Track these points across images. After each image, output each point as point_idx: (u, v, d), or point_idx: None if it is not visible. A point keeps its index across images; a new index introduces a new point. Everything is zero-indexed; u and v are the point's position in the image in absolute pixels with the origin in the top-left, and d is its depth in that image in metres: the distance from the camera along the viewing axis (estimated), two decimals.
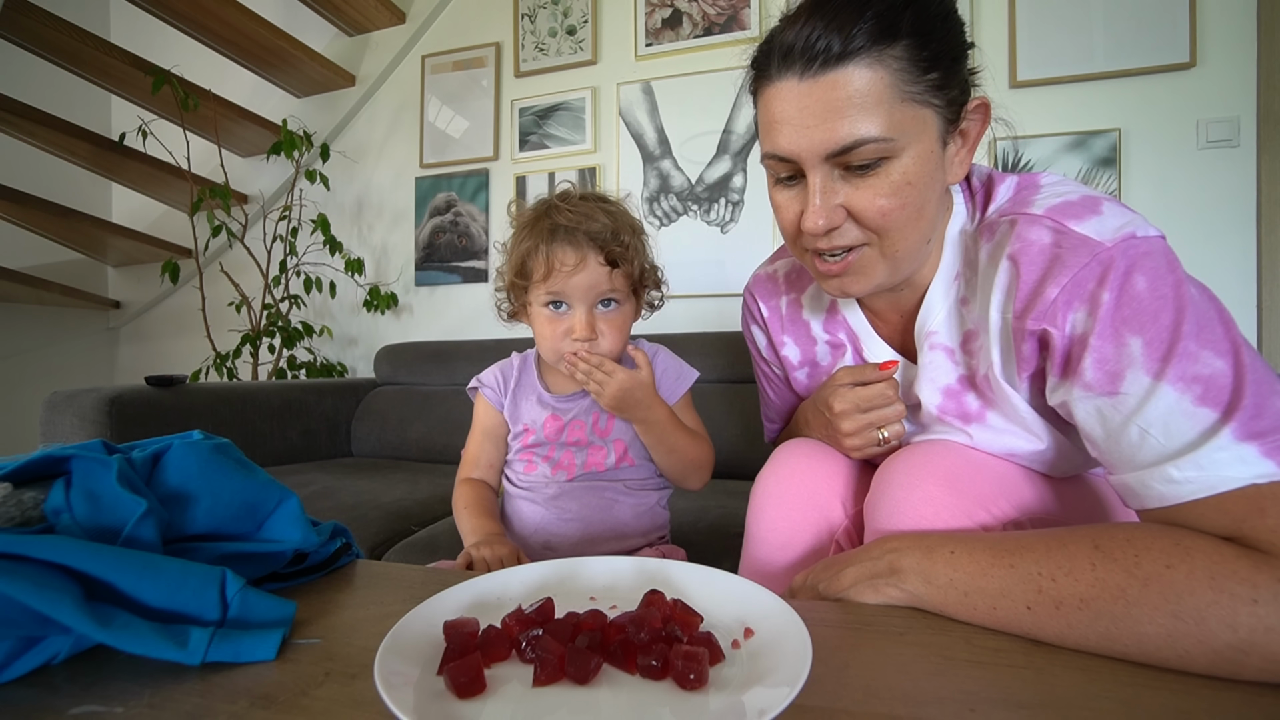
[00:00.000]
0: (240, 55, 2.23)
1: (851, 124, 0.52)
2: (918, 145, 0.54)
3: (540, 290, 0.79)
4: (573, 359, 0.79)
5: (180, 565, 0.45)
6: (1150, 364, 0.45)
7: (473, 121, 2.25)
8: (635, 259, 0.80)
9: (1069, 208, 0.52)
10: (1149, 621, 0.38)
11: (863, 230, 0.57)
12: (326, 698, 0.38)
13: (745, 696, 0.37)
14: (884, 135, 0.52)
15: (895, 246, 0.57)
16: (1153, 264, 0.47)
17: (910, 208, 0.55)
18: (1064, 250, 0.50)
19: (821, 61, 0.52)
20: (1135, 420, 0.46)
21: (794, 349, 0.77)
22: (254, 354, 2.23)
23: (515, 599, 0.50)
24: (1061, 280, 0.49)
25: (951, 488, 0.56)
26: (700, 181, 1.97)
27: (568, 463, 0.85)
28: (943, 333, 0.63)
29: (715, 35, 1.94)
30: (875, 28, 0.51)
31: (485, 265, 2.24)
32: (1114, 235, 0.49)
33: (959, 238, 0.63)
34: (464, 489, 0.89)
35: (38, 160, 2.26)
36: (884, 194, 0.54)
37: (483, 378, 0.92)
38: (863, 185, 0.55)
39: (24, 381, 2.53)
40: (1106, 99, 1.61)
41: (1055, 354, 0.51)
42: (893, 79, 0.52)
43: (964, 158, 0.59)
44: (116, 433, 1.40)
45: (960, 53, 0.56)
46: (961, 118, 0.57)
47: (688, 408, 0.88)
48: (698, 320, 1.98)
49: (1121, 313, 0.47)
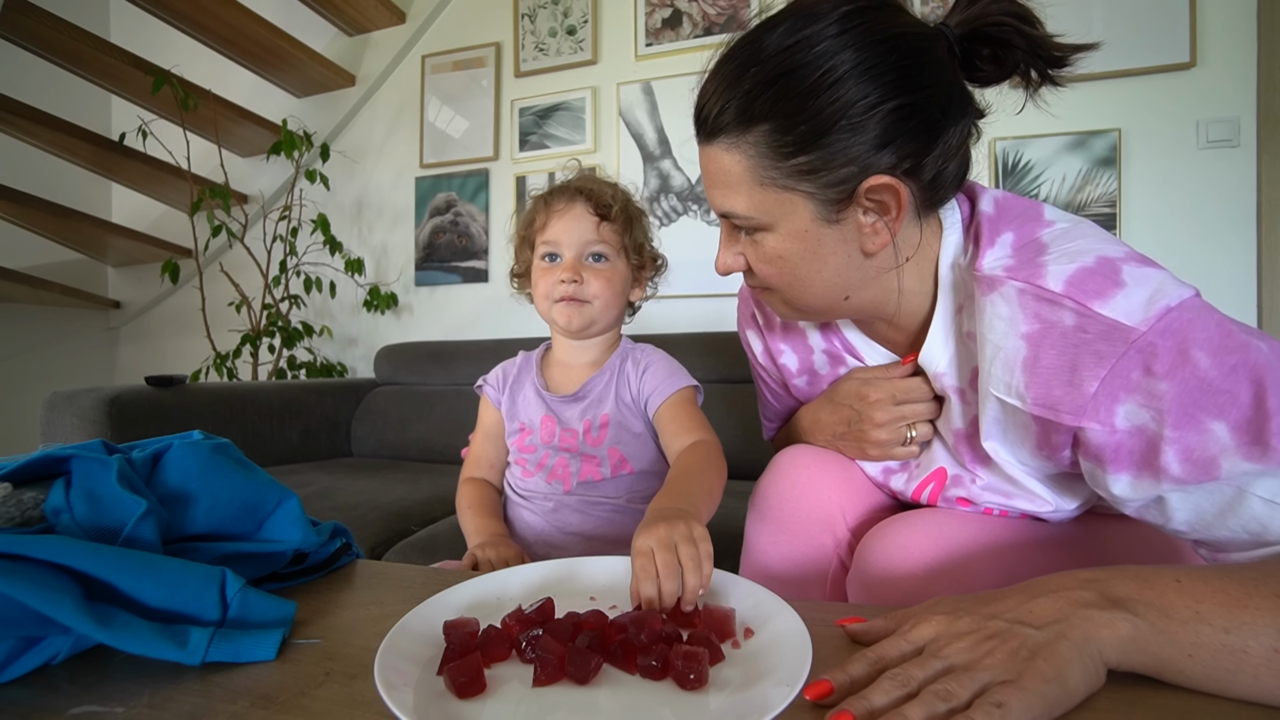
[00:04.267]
0: (240, 55, 2.23)
1: (722, 196, 0.56)
2: (786, 225, 0.54)
3: (538, 243, 0.84)
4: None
5: (180, 565, 0.45)
6: (1244, 449, 0.41)
7: (473, 121, 2.25)
8: (625, 221, 0.84)
9: (1088, 280, 0.47)
10: None
11: (761, 278, 0.60)
12: (326, 698, 0.38)
13: (745, 696, 0.37)
14: (745, 214, 0.55)
15: (794, 300, 0.60)
16: (1204, 334, 0.43)
17: (788, 276, 0.57)
18: (1093, 338, 0.45)
19: (703, 133, 0.56)
20: (1255, 492, 0.42)
21: (792, 357, 0.75)
22: (254, 354, 2.22)
23: (515, 599, 0.50)
24: (1099, 373, 0.45)
25: (949, 559, 0.56)
26: (700, 182, 1.97)
27: (562, 471, 0.84)
28: (950, 374, 0.59)
29: (715, 35, 1.94)
30: (736, 109, 0.52)
31: (485, 265, 2.24)
32: (1145, 315, 0.44)
33: (952, 273, 0.58)
34: (466, 488, 0.89)
35: (38, 160, 2.26)
36: (762, 260, 0.58)
37: (487, 376, 0.94)
38: (749, 245, 0.58)
39: (24, 381, 2.53)
40: (1106, 99, 1.60)
41: (1102, 448, 0.47)
42: (748, 164, 0.53)
43: (883, 228, 0.54)
44: (116, 433, 1.40)
45: (850, 127, 0.50)
46: (856, 197, 0.52)
47: (686, 404, 0.83)
48: (698, 320, 1.98)
49: (1191, 398, 0.43)
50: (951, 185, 0.56)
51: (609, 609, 0.48)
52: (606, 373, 0.86)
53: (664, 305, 2.01)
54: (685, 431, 0.79)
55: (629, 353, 0.88)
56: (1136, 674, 0.36)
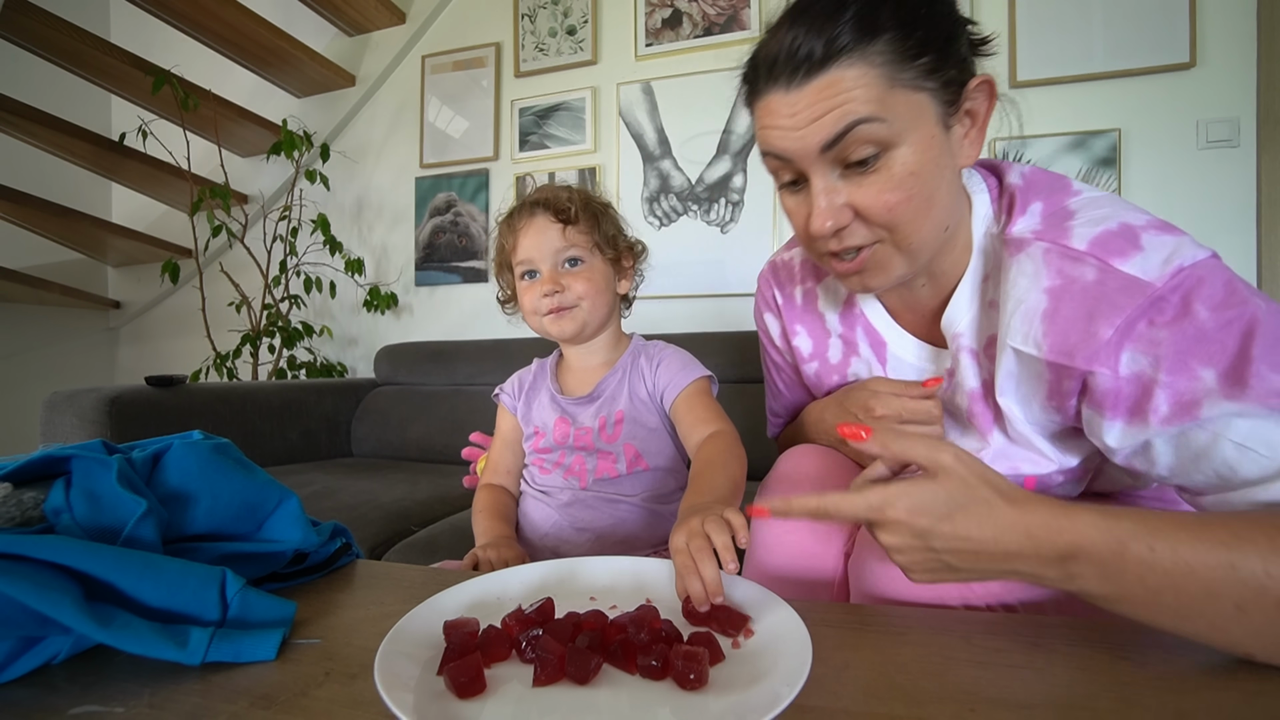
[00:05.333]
0: (240, 55, 2.23)
1: (841, 114, 0.52)
2: (916, 132, 0.53)
3: (514, 265, 0.85)
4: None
5: (180, 565, 0.45)
6: (1225, 389, 0.44)
7: (473, 121, 2.25)
8: (590, 219, 0.84)
9: (1110, 241, 0.50)
10: None
11: (871, 228, 0.55)
12: (326, 698, 0.38)
13: (745, 696, 0.37)
14: (875, 115, 0.51)
15: (909, 240, 0.56)
16: (1209, 291, 0.46)
17: (918, 199, 0.54)
18: (1111, 290, 0.49)
19: (806, 69, 0.52)
20: (1227, 436, 0.45)
21: (806, 340, 0.75)
22: (254, 354, 2.23)
23: (515, 599, 0.50)
24: (1114, 320, 0.48)
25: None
26: (700, 181, 1.97)
27: (579, 468, 0.85)
28: (968, 335, 0.61)
29: (715, 35, 1.94)
30: (856, 26, 0.51)
31: (485, 265, 2.24)
32: (1161, 272, 0.47)
33: (985, 240, 0.61)
34: (483, 494, 0.90)
35: (38, 160, 2.26)
36: (888, 189, 0.53)
37: (503, 385, 0.95)
38: (865, 183, 0.54)
39: (24, 381, 2.53)
40: (1106, 99, 1.60)
41: (1105, 394, 0.50)
42: (879, 71, 0.51)
43: (974, 138, 0.57)
44: (116, 433, 1.40)
45: (953, 31, 0.54)
46: (963, 98, 0.55)
47: (702, 395, 0.83)
48: (698, 320, 1.98)
49: (1187, 346, 0.46)
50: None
51: (609, 609, 0.48)
52: (619, 371, 0.87)
53: (664, 305, 2.01)
54: (703, 423, 0.79)
55: (641, 349, 0.88)
56: (1136, 674, 0.37)
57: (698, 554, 0.48)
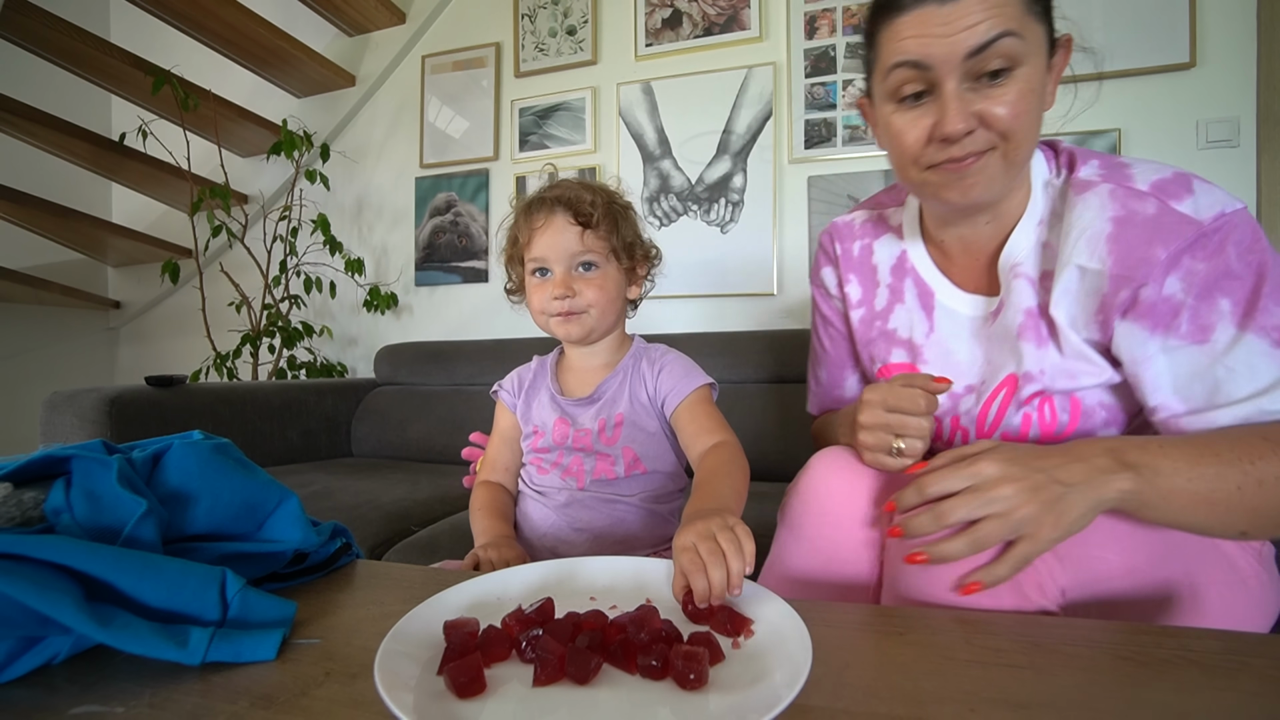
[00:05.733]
0: (240, 55, 2.23)
1: (989, 26, 0.58)
2: (1036, 58, 0.60)
3: (526, 260, 0.84)
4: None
5: (180, 565, 0.45)
6: (1236, 319, 0.56)
7: (473, 121, 2.25)
8: (610, 224, 0.82)
9: (1168, 185, 0.60)
10: None
11: (990, 135, 0.61)
12: (326, 698, 0.38)
13: (745, 696, 0.37)
14: (1018, 30, 0.58)
15: (1018, 151, 0.62)
16: (1240, 235, 0.57)
17: (1032, 115, 0.61)
18: (1169, 224, 0.58)
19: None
20: (1222, 361, 0.56)
21: (856, 288, 0.83)
22: (254, 354, 2.23)
23: (515, 599, 0.50)
24: (1171, 245, 0.57)
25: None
26: (700, 181, 1.97)
27: (577, 469, 0.84)
28: (1027, 264, 0.68)
29: (715, 35, 1.94)
30: None
31: (485, 265, 2.24)
32: (1209, 213, 0.57)
33: (1044, 188, 0.69)
34: (480, 491, 0.90)
35: (38, 160, 2.25)
36: (1014, 99, 0.60)
37: (502, 381, 0.94)
38: (993, 94, 0.60)
39: (24, 381, 2.53)
40: (1106, 99, 1.60)
41: (1148, 306, 0.59)
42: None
43: (1053, 89, 0.65)
44: (116, 433, 1.40)
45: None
46: (1055, 47, 0.63)
47: (704, 403, 0.83)
48: (698, 320, 1.98)
49: (1215, 279, 0.57)
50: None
51: (609, 609, 0.48)
52: (620, 373, 0.86)
53: (665, 305, 2.01)
54: (706, 432, 0.79)
55: (643, 353, 0.88)
56: (1136, 674, 0.37)
57: (708, 556, 0.49)
